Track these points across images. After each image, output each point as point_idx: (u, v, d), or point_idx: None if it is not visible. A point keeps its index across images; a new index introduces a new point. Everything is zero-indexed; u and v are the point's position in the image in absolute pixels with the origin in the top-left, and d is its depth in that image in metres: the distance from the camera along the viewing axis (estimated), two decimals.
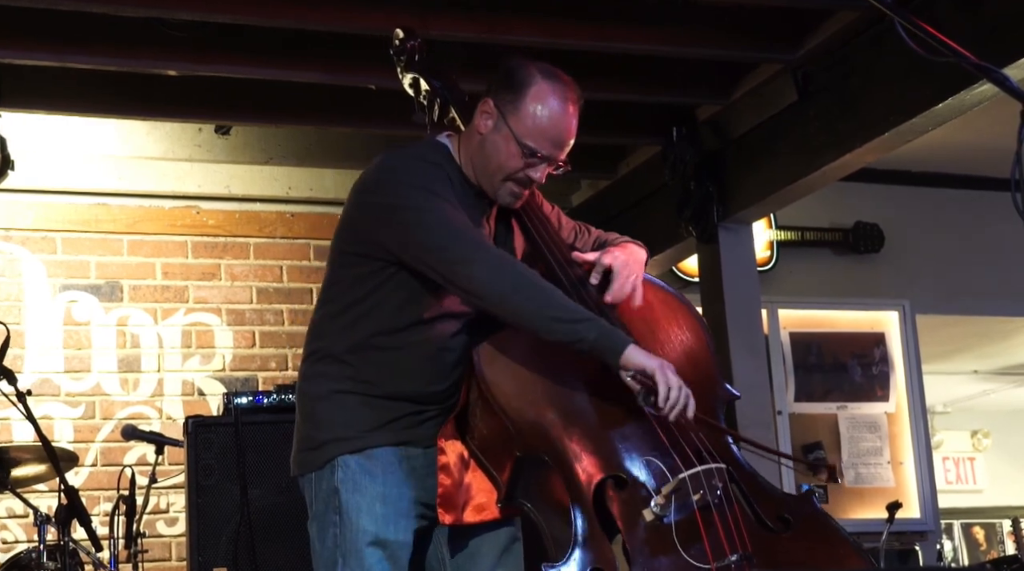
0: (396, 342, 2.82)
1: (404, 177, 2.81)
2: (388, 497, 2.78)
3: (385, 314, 2.82)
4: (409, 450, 2.83)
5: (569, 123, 2.81)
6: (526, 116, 2.78)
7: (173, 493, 5.60)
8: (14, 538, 5.46)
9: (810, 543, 2.69)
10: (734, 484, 2.71)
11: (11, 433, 5.44)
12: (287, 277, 6.10)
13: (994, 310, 7.60)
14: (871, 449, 6.89)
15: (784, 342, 6.85)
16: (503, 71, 2.85)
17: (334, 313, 2.89)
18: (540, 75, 2.81)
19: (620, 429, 2.72)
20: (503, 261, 2.71)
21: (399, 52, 3.31)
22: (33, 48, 4.51)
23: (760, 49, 4.92)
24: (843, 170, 4.97)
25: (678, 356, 2.90)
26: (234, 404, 4.80)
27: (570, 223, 3.14)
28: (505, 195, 2.86)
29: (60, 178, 5.79)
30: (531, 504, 2.71)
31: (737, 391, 3.04)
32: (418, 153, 2.89)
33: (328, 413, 2.86)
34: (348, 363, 2.85)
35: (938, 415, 10.88)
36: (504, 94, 2.81)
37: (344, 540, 2.77)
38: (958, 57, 2.12)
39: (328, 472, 2.82)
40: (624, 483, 2.64)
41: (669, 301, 3.01)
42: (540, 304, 2.64)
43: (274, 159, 6.02)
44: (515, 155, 2.79)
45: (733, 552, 2.54)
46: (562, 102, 2.79)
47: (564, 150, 2.83)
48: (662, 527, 2.57)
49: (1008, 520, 10.64)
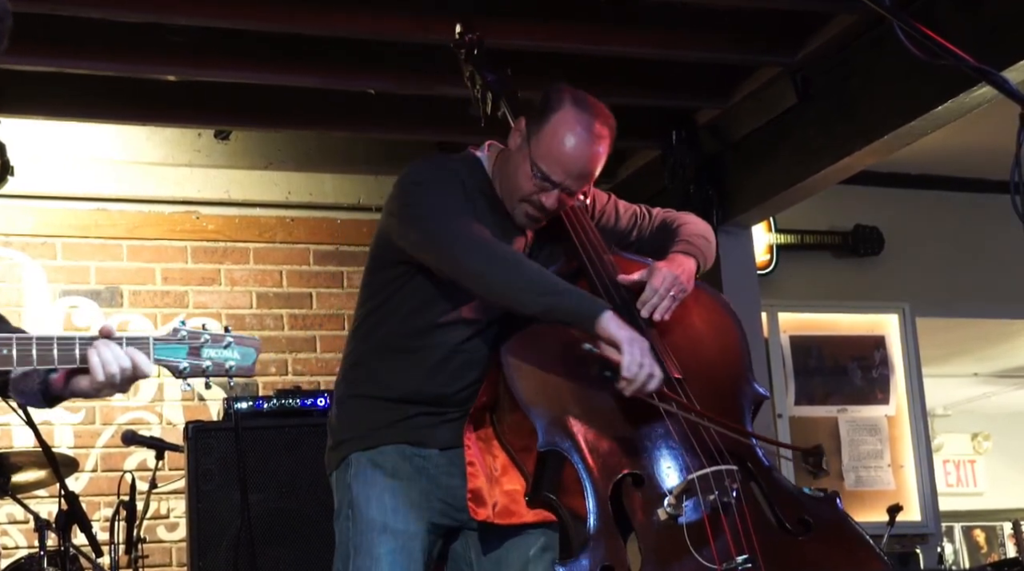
0: (410, 345, 2.88)
1: (416, 178, 2.88)
2: (397, 489, 2.83)
3: (400, 318, 2.89)
4: (423, 450, 2.87)
5: (587, 154, 2.80)
6: (545, 141, 2.80)
7: (173, 498, 5.59)
8: (14, 544, 5.45)
9: (829, 547, 2.70)
10: (755, 484, 2.73)
11: (11, 439, 5.43)
12: (287, 282, 6.10)
13: (994, 313, 7.60)
14: (871, 452, 6.89)
15: (784, 345, 6.85)
16: (543, 94, 2.88)
17: (360, 318, 2.99)
18: (570, 102, 2.81)
19: (640, 428, 2.74)
20: (483, 242, 2.73)
21: (459, 46, 3.36)
22: (33, 54, 4.51)
23: (759, 52, 4.93)
24: (843, 173, 4.97)
25: (708, 353, 2.93)
26: (234, 409, 4.81)
27: (629, 209, 3.14)
28: (520, 216, 2.89)
29: (60, 183, 5.79)
30: (556, 497, 2.75)
31: (766, 391, 3.01)
32: (440, 162, 2.99)
33: (346, 415, 2.95)
34: (366, 366, 2.94)
35: (938, 418, 10.87)
36: (535, 116, 2.84)
37: (356, 532, 2.83)
38: (957, 60, 2.12)
39: (343, 470, 2.90)
40: (642, 480, 2.67)
41: (702, 298, 3.01)
42: (515, 277, 2.68)
43: (274, 164, 6.02)
44: (529, 178, 2.81)
45: (740, 554, 2.55)
46: (584, 132, 2.79)
47: (581, 181, 2.83)
48: (675, 527, 2.60)
49: (1009, 523, 10.63)
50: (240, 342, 2.29)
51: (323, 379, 5.93)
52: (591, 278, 2.90)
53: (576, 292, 2.69)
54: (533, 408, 2.72)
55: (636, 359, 2.60)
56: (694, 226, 3.10)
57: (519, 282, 2.67)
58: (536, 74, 4.85)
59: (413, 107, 5.19)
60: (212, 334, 2.29)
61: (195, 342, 2.27)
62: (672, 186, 5.47)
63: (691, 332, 2.94)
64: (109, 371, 2.16)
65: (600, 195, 3.13)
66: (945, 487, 10.58)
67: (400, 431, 2.87)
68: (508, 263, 2.71)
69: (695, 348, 2.90)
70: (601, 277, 2.90)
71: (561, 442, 2.69)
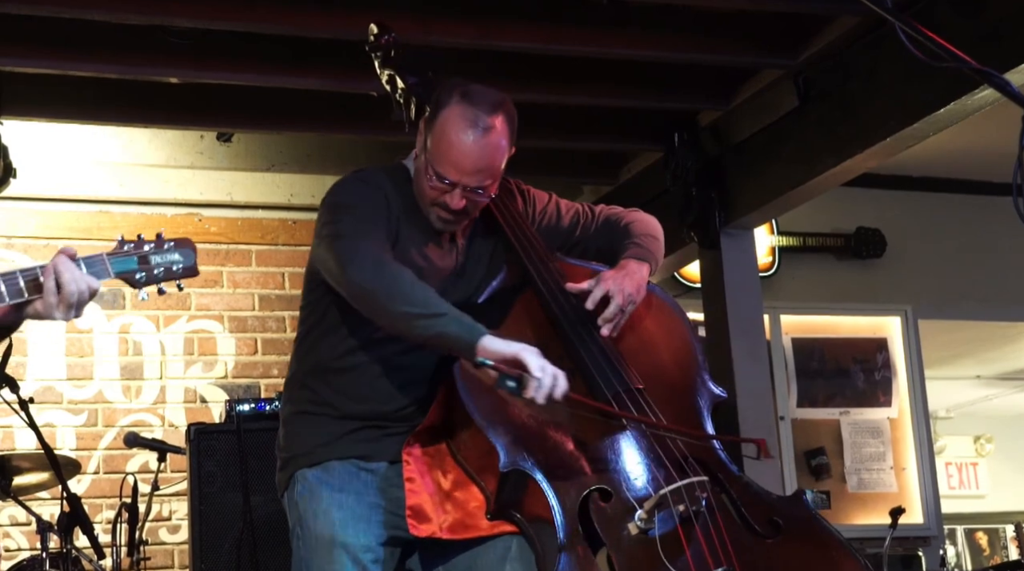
0: (348, 363, 2.84)
1: (334, 198, 2.85)
2: (345, 503, 2.78)
3: (337, 337, 2.85)
4: (371, 463, 2.82)
5: (476, 149, 2.69)
6: (435, 141, 2.73)
7: (175, 500, 5.59)
8: (17, 546, 5.46)
9: (801, 546, 2.68)
10: (722, 491, 2.70)
11: (14, 441, 5.44)
12: (289, 284, 6.10)
13: (996, 315, 7.60)
14: (874, 455, 6.89)
15: (786, 348, 6.85)
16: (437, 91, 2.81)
17: (299, 338, 2.97)
18: (458, 98, 2.73)
19: (603, 440, 2.70)
20: (376, 264, 2.66)
21: (374, 48, 3.27)
22: (35, 56, 4.52)
23: (761, 55, 4.92)
24: (844, 175, 4.96)
25: (662, 357, 2.89)
26: (236, 411, 4.81)
27: (571, 208, 3.08)
28: (435, 221, 2.82)
29: (62, 186, 5.80)
30: (521, 515, 2.69)
31: (723, 391, 2.95)
32: (365, 176, 2.89)
33: (291, 434, 2.91)
34: (308, 386, 2.90)
35: (940, 420, 10.87)
36: (429, 117, 2.78)
37: (306, 548, 2.80)
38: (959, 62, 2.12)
39: (291, 488, 2.87)
40: (609, 495, 2.63)
41: (651, 300, 2.96)
42: (401, 301, 2.61)
43: (276, 166, 6.02)
44: (430, 181, 2.75)
45: (717, 566, 2.53)
46: (469, 127, 2.69)
47: (478, 176, 2.72)
48: (647, 540, 2.56)
49: (1011, 525, 10.63)
50: (179, 245, 2.42)
51: None
52: (538, 287, 2.85)
53: (459, 319, 2.59)
54: (491, 427, 2.65)
55: (537, 364, 2.54)
56: (643, 225, 3.03)
57: (403, 309, 2.60)
58: (538, 76, 4.87)
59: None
60: (153, 241, 2.40)
61: (141, 251, 2.38)
62: (674, 188, 5.47)
63: (644, 337, 2.89)
64: (70, 289, 2.22)
65: (540, 195, 3.06)
66: (947, 489, 10.58)
67: (346, 445, 2.82)
68: (395, 287, 2.62)
69: (649, 353, 2.86)
70: (548, 286, 2.85)
71: (523, 461, 2.63)
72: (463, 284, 2.90)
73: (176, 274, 2.41)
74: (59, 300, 2.21)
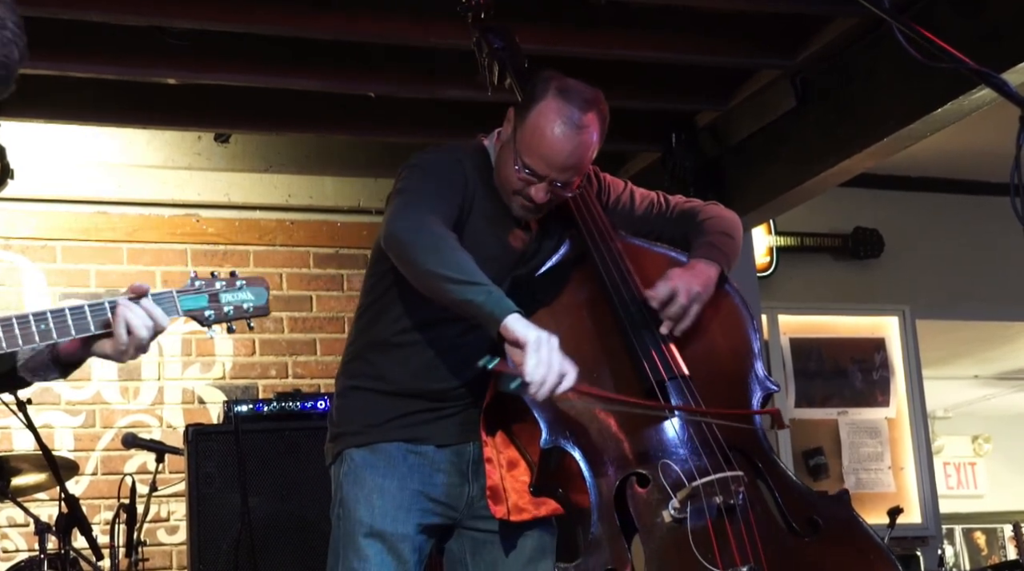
0: (408, 339, 2.84)
1: (414, 161, 2.84)
2: (387, 490, 2.79)
3: (398, 312, 2.85)
4: (420, 447, 2.84)
5: (569, 146, 2.70)
6: (527, 133, 2.73)
7: (174, 501, 5.59)
8: (15, 547, 5.45)
9: (837, 549, 2.66)
10: (763, 483, 2.69)
11: (11, 442, 5.43)
12: (287, 285, 6.09)
13: (994, 315, 7.60)
14: (872, 454, 6.89)
15: (784, 348, 6.85)
16: (530, 82, 2.82)
17: (360, 313, 2.96)
18: (554, 92, 2.73)
19: (646, 428, 2.71)
20: (421, 222, 2.64)
21: (466, 8, 3.27)
22: (33, 57, 4.46)
23: (759, 55, 4.93)
24: (842, 175, 4.97)
25: (717, 344, 2.88)
26: (234, 412, 4.81)
27: (646, 198, 3.07)
28: (516, 209, 2.82)
29: (60, 187, 5.79)
30: (562, 491, 2.73)
31: (776, 384, 2.91)
32: (449, 150, 2.90)
33: (343, 408, 2.92)
34: (366, 360, 2.91)
35: (939, 420, 10.87)
36: (521, 107, 2.78)
37: (344, 532, 2.81)
38: (957, 62, 2.12)
39: (338, 464, 2.88)
40: (647, 480, 2.64)
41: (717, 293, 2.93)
42: (436, 262, 2.58)
43: (273, 167, 6.02)
44: (515, 172, 2.75)
45: (744, 563, 2.53)
46: (565, 123, 2.69)
47: (567, 173, 2.73)
48: (679, 530, 2.57)
49: (1009, 525, 10.60)
50: (252, 283, 2.38)
51: (323, 382, 5.92)
52: (597, 265, 2.84)
53: (489, 291, 2.55)
54: (537, 405, 2.66)
55: (543, 360, 2.47)
56: (718, 222, 3.02)
57: (437, 269, 2.56)
58: None
59: (413, 110, 5.19)
60: (225, 279, 2.37)
61: (212, 289, 2.35)
62: (672, 188, 5.45)
63: (701, 322, 2.85)
64: (140, 335, 2.21)
65: (616, 182, 3.06)
66: (945, 489, 10.58)
67: (397, 428, 2.83)
68: (433, 245, 2.59)
69: (703, 340, 2.84)
70: (607, 264, 2.84)
71: (564, 441, 2.65)
72: None
73: (247, 314, 2.37)
74: (129, 343, 2.21)
